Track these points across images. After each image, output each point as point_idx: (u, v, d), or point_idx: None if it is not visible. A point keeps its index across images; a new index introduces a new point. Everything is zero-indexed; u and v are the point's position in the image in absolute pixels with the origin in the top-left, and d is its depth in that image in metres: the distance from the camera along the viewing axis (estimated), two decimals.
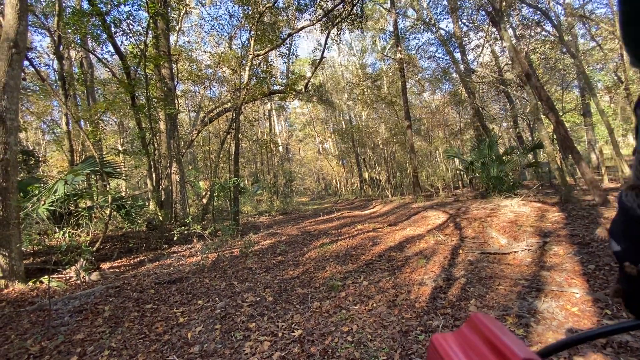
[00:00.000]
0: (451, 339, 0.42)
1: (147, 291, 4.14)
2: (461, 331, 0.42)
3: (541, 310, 2.65)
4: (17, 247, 4.12)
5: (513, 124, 15.81)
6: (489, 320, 0.40)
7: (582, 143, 19.93)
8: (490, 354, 0.36)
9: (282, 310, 3.30)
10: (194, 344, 2.72)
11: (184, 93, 16.93)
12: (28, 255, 5.52)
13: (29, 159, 8.49)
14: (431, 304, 3.07)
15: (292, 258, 5.48)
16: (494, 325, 0.38)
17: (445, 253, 4.61)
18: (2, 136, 4.08)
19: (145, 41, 7.85)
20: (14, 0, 4.23)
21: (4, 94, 4.11)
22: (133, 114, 8.73)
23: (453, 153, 10.77)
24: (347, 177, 28.53)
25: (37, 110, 16.58)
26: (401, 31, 16.32)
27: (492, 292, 3.13)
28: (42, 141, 20.63)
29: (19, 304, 3.63)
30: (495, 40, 13.52)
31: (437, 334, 0.43)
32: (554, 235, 4.25)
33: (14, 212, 4.17)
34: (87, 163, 6.88)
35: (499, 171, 8.07)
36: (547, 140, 6.52)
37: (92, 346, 2.76)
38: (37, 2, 10.17)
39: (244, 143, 21.64)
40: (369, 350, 2.37)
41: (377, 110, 21.80)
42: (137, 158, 11.44)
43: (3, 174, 4.06)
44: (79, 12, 7.56)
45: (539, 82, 7.50)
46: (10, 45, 4.20)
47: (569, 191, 6.01)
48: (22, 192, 5.65)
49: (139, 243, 6.90)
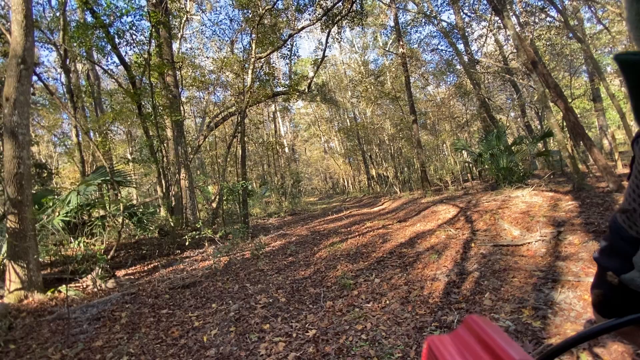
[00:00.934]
0: (447, 340, 0.42)
1: (162, 296, 4.20)
2: (457, 333, 0.42)
3: (558, 301, 2.60)
4: (34, 258, 4.22)
5: (521, 113, 15.57)
6: (485, 322, 0.40)
7: (594, 129, 19.52)
8: (486, 356, 0.36)
9: (295, 310, 3.31)
10: (210, 347, 2.74)
11: (189, 99, 17.14)
12: (45, 265, 5.65)
13: (42, 172, 8.70)
14: (445, 299, 3.04)
15: (302, 258, 5.49)
16: (490, 327, 0.38)
17: (457, 247, 4.56)
18: (15, 151, 4.17)
19: (149, 50, 7.94)
20: (19, 18, 4.33)
21: (14, 110, 4.21)
22: (140, 122, 8.86)
23: (461, 145, 10.64)
24: (354, 175, 28.47)
25: (48, 123, 16.96)
26: (402, 25, 16.21)
27: (506, 284, 3.09)
28: (54, 154, 21.08)
29: (39, 314, 3.71)
30: (499, 29, 13.31)
31: (432, 336, 0.44)
32: (568, 224, 4.16)
33: (29, 224, 4.27)
34: (98, 173, 7.01)
35: (508, 162, 7.95)
36: (557, 128, 6.39)
37: (111, 352, 2.81)
38: (43, 17, 10.39)
39: (250, 146, 21.78)
40: (384, 348, 2.36)
41: (381, 106, 21.71)
42: (146, 166, 11.61)
43: (18, 187, 4.16)
44: (83, 26, 7.69)
45: (546, 69, 7.36)
46: (18, 62, 4.29)
47: (582, 179, 5.89)
48: (37, 204, 5.79)
49: (152, 249, 6.99)
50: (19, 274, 4.04)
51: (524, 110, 15.23)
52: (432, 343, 0.42)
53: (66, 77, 9.97)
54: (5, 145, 4.19)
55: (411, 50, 17.63)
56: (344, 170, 28.98)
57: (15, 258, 4.05)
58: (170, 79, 9.93)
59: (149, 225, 7.43)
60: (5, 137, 4.20)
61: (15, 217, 4.11)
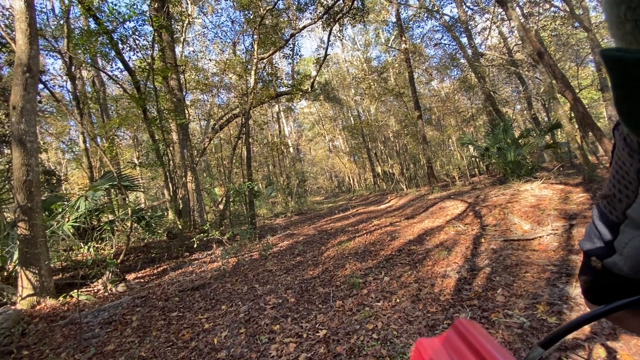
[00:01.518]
0: (436, 343, 0.42)
1: (171, 299, 4.22)
2: (446, 336, 0.42)
3: (573, 296, 2.55)
4: (46, 264, 4.26)
5: (527, 105, 15.35)
6: (473, 326, 0.40)
7: (602, 119, 19.18)
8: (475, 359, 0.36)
9: (305, 310, 3.29)
10: (220, 349, 2.74)
11: (193, 102, 17.22)
12: (57, 271, 5.72)
13: (51, 179, 8.81)
14: (456, 296, 3.00)
15: (310, 258, 5.47)
16: (478, 332, 0.39)
17: (467, 243, 4.50)
18: (24, 158, 4.22)
19: (152, 55, 7.99)
20: (23, 26, 4.37)
21: (22, 118, 4.26)
22: (146, 127, 8.93)
23: (467, 140, 10.51)
24: (360, 173, 28.39)
25: (56, 130, 17.18)
26: (404, 21, 16.09)
27: (519, 280, 3.03)
28: (62, 160, 21.39)
29: (51, 319, 3.75)
30: (503, 21, 13.13)
31: (422, 339, 0.44)
32: (580, 216, 4.08)
33: (40, 230, 4.31)
34: (106, 178, 7.08)
35: (516, 155, 7.83)
36: (565, 119, 6.28)
37: (123, 356, 2.82)
38: (47, 26, 10.51)
39: (255, 147, 21.83)
40: (396, 347, 2.33)
41: (385, 103, 21.59)
42: (153, 170, 11.69)
43: (27, 194, 4.21)
44: (87, 33, 7.77)
45: (552, 60, 7.23)
46: (24, 70, 4.34)
47: (592, 170, 5.77)
48: (47, 210, 5.86)
49: (161, 252, 7.04)
50: (31, 280, 4.09)
51: (531, 103, 15.00)
52: (420, 346, 0.42)
53: (72, 84, 10.09)
54: (13, 153, 4.24)
55: (414, 45, 17.50)
56: (349, 168, 28.92)
57: (27, 264, 4.10)
58: (174, 83, 9.98)
59: (157, 228, 7.48)
60: (13, 145, 4.25)
61: (25, 224, 4.16)
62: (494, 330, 2.32)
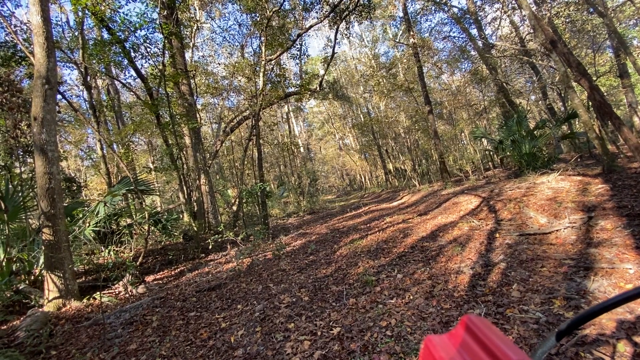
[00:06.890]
0: (445, 340, 0.42)
1: (189, 299, 4.33)
2: (454, 333, 0.42)
3: (591, 290, 2.49)
4: (69, 267, 4.44)
5: (542, 95, 14.94)
6: (482, 322, 0.40)
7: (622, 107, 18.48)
8: (485, 356, 0.36)
9: (318, 309, 3.33)
10: (237, 347, 2.80)
11: (204, 106, 17.48)
12: (80, 274, 5.94)
13: (71, 185, 9.12)
14: (471, 292, 2.97)
15: (323, 256, 5.51)
16: (487, 327, 0.39)
17: (481, 238, 4.44)
18: (46, 167, 4.40)
19: (163, 61, 8.17)
20: (41, 40, 4.55)
21: (42, 128, 4.44)
22: (159, 132, 9.13)
23: (480, 133, 10.33)
24: (371, 171, 28.23)
25: (74, 139, 17.78)
26: (412, 15, 15.90)
27: (535, 275, 2.99)
28: (81, 167, 22.09)
29: (76, 320, 3.91)
30: (514, 9, 12.79)
31: (430, 335, 0.44)
32: (600, 208, 3.97)
33: (63, 236, 4.49)
34: (123, 183, 7.29)
35: (531, 147, 7.66)
36: (582, 109, 6.09)
37: (144, 355, 2.92)
38: (63, 38, 10.86)
39: (265, 148, 22.02)
40: (410, 344, 2.34)
41: (395, 99, 21.40)
42: (168, 173, 11.98)
43: (50, 201, 4.39)
44: (100, 43, 8.00)
45: (566, 47, 7.03)
46: (43, 82, 4.52)
47: (612, 160, 5.59)
48: (69, 216, 6.10)
49: (178, 254, 7.21)
50: (56, 284, 4.27)
51: (545, 93, 14.59)
52: (429, 343, 0.42)
53: (88, 93, 10.41)
54: (36, 162, 4.42)
55: (422, 39, 17.27)
56: (361, 166, 28.79)
57: (52, 268, 4.28)
58: (185, 88, 10.17)
59: (173, 231, 7.66)
60: (35, 154, 4.44)
61: (49, 229, 4.34)
62: (509, 326, 2.29)
